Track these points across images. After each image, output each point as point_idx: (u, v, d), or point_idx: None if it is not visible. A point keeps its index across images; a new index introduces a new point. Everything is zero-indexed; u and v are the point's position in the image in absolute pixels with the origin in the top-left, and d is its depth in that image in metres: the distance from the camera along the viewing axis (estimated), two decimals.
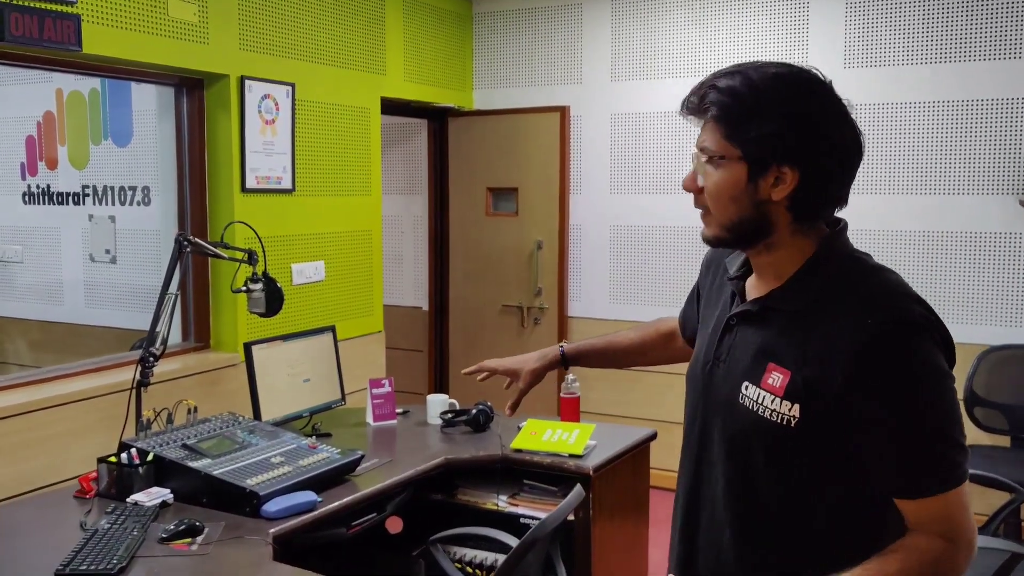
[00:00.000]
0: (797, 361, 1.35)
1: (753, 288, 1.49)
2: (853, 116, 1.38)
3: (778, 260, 1.42)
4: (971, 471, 4.15)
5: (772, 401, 1.37)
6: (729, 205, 1.38)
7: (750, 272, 1.50)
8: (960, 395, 4.39)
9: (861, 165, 1.41)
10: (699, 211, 1.45)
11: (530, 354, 2.22)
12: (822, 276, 1.39)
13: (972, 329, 4.51)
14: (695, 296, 1.76)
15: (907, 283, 1.38)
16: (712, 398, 1.49)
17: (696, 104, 1.40)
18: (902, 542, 1.33)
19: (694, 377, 1.56)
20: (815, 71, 1.38)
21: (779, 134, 1.33)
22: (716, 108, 1.37)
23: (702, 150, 1.40)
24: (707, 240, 1.46)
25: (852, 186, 1.41)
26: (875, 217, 4.63)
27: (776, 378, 1.37)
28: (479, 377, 2.33)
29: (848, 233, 1.44)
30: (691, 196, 1.45)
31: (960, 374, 4.40)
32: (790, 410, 1.35)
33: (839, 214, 1.45)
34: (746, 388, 1.42)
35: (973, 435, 4.42)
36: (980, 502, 4.41)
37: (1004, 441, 4.39)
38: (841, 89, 1.40)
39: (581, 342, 2.16)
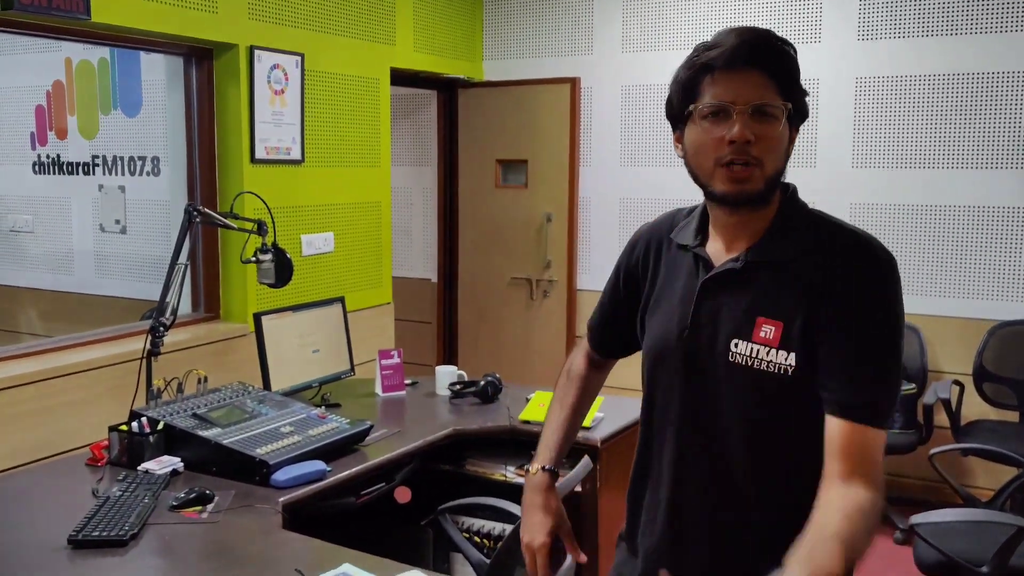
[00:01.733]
0: (789, 311, 1.40)
1: (719, 252, 1.50)
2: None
3: (754, 219, 1.47)
4: (981, 446, 4.13)
5: (768, 353, 1.41)
6: (781, 159, 1.43)
7: (705, 240, 1.53)
8: (969, 370, 4.40)
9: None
10: (738, 165, 1.39)
11: (533, 505, 1.75)
12: (796, 230, 1.45)
13: (982, 304, 4.49)
14: (623, 282, 1.69)
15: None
16: (696, 365, 1.49)
17: (753, 55, 1.39)
18: (833, 493, 1.32)
19: (666, 348, 1.53)
20: None
21: (804, 97, 1.45)
22: (778, 63, 1.41)
23: (764, 102, 1.39)
24: (746, 194, 1.41)
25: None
26: (886, 191, 4.60)
27: (768, 330, 1.41)
28: None
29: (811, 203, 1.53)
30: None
31: (970, 349, 4.40)
32: (786, 359, 1.40)
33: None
34: (736, 345, 1.43)
35: (982, 410, 4.42)
36: (988, 477, 4.43)
37: (1013, 416, 4.38)
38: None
39: (546, 449, 1.78)
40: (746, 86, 1.39)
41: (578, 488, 2.76)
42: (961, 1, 4.42)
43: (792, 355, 1.39)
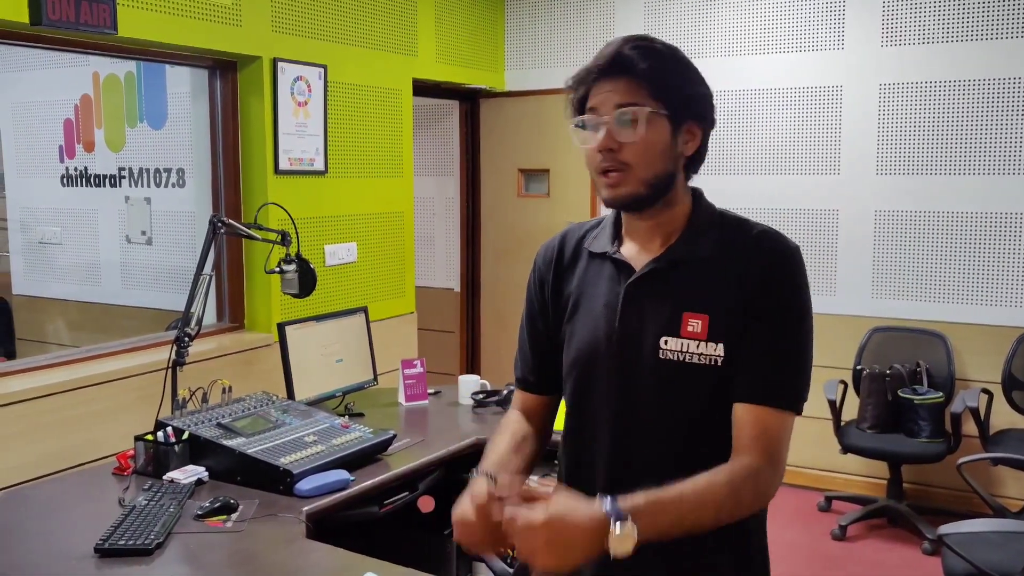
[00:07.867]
0: (714, 303, 1.45)
1: (636, 256, 1.53)
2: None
3: (668, 219, 1.51)
4: (1009, 455, 4.08)
5: (698, 346, 1.45)
6: (656, 161, 1.45)
7: (620, 246, 1.55)
8: (998, 378, 4.34)
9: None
10: (602, 173, 1.46)
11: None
12: (709, 228, 1.51)
13: (1011, 311, 4.44)
14: (539, 308, 1.69)
15: None
16: (628, 366, 1.50)
17: (618, 64, 1.44)
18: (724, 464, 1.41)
19: (595, 354, 1.53)
20: None
21: (693, 93, 1.47)
22: (644, 67, 1.44)
23: (624, 107, 1.43)
24: (620, 199, 1.47)
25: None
26: (911, 198, 4.56)
27: (695, 324, 1.45)
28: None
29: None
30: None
31: (998, 357, 4.35)
32: (715, 350, 1.44)
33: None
34: (665, 343, 1.46)
35: (1011, 418, 4.36)
36: (1018, 486, 4.37)
37: None
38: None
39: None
40: (612, 93, 1.44)
41: None
42: (985, 6, 4.38)
43: (720, 346, 1.44)
